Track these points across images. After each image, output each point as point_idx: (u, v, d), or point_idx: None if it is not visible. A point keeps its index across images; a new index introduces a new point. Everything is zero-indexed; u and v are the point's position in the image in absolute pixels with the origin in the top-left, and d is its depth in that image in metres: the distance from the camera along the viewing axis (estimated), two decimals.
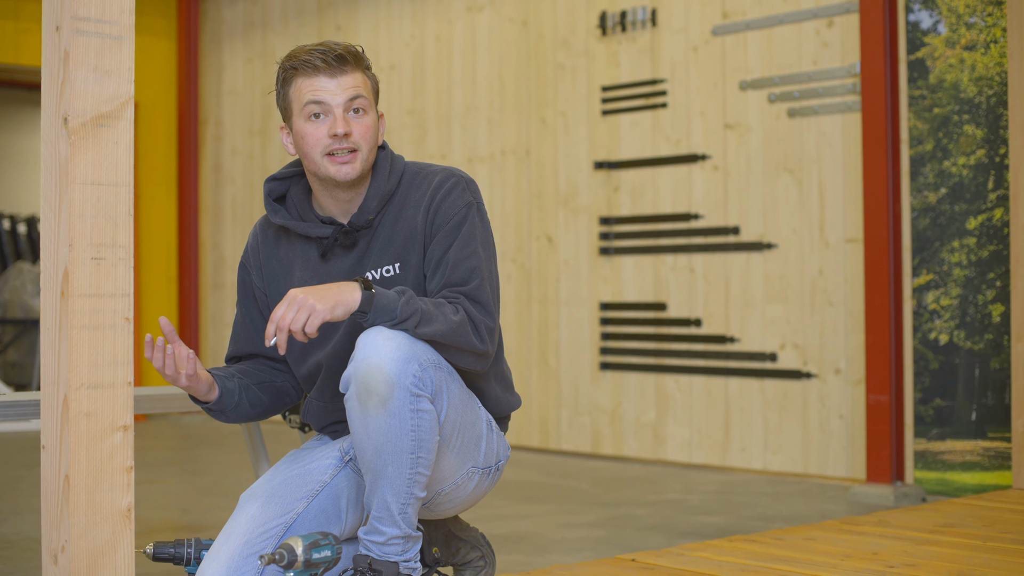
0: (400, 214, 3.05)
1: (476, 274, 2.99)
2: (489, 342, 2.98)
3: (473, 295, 2.98)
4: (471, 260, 3.00)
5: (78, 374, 2.77)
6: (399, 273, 3.03)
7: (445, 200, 3.04)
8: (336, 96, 2.99)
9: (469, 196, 3.07)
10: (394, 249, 3.04)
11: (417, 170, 3.12)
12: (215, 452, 7.79)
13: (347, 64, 3.00)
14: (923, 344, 5.85)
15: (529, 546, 4.78)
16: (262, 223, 3.22)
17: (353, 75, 3.01)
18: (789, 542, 4.12)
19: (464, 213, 3.04)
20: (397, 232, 3.04)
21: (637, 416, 7.06)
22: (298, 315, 2.79)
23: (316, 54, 2.99)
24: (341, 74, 2.99)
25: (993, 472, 5.66)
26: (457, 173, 3.11)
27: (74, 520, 2.77)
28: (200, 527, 5.18)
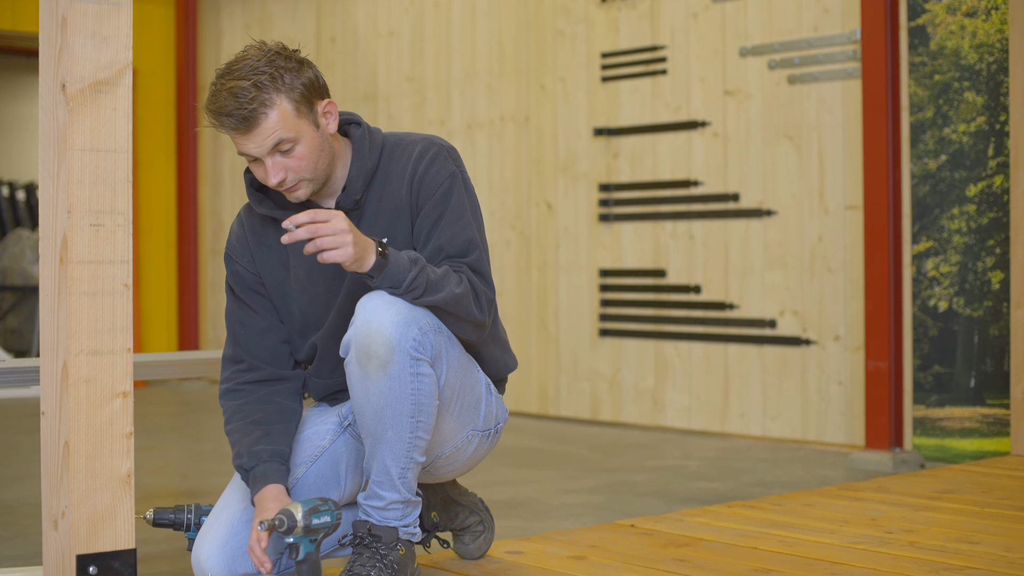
0: (384, 189, 3.03)
1: (474, 246, 2.99)
2: (488, 313, 2.98)
3: (475, 267, 2.98)
4: (466, 232, 3.00)
5: (77, 340, 2.77)
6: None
7: (428, 171, 3.02)
8: (257, 148, 2.87)
9: (452, 165, 3.05)
10: (381, 224, 3.02)
11: (396, 141, 3.09)
12: (215, 418, 7.80)
13: (256, 118, 2.84)
14: (922, 311, 5.85)
15: (528, 511, 4.79)
16: (246, 211, 3.16)
17: (265, 124, 2.85)
18: (788, 508, 4.13)
19: (449, 184, 3.02)
20: (383, 207, 3.03)
21: (636, 382, 7.06)
22: (330, 239, 2.72)
23: (223, 118, 2.85)
24: (254, 128, 2.85)
25: (991, 439, 5.67)
26: (437, 142, 3.08)
27: (74, 486, 2.77)
28: (200, 493, 5.19)
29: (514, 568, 3.33)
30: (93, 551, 2.81)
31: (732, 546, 3.59)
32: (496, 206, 7.74)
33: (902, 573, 3.25)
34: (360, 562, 2.89)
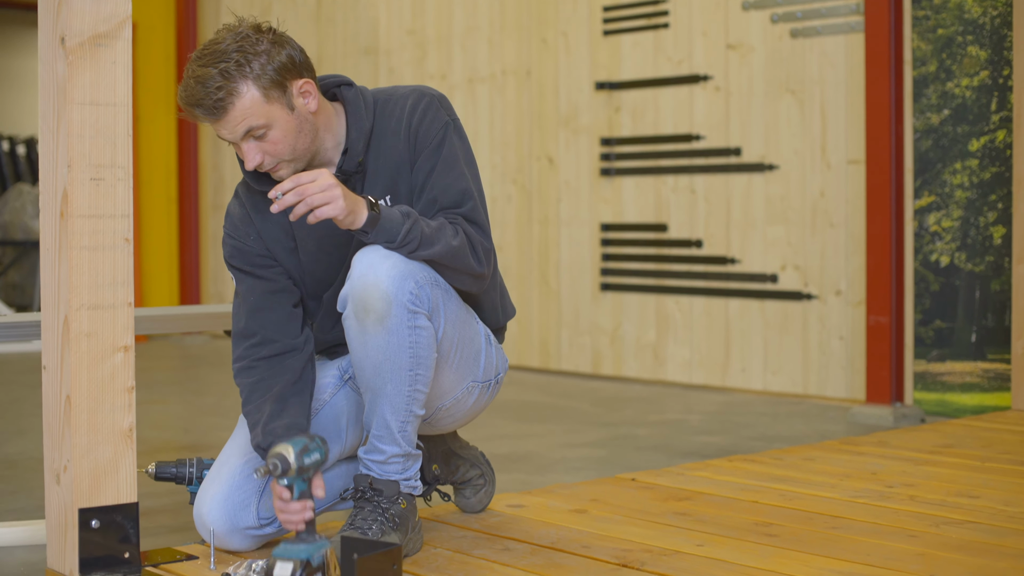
0: (381, 146, 3.02)
1: (468, 196, 2.99)
2: (486, 264, 2.98)
3: (470, 217, 2.98)
4: (460, 183, 2.99)
5: (78, 295, 2.77)
6: (390, 205, 3.01)
7: (422, 123, 3.01)
8: (230, 135, 2.87)
9: (444, 115, 3.04)
10: (382, 182, 3.01)
11: (386, 97, 3.07)
12: (216, 372, 7.81)
13: (223, 107, 2.82)
14: (924, 266, 5.85)
15: (529, 465, 4.80)
16: (243, 188, 3.13)
17: (232, 112, 2.83)
18: (788, 462, 4.14)
19: (442, 134, 3.01)
20: (382, 165, 3.02)
21: (637, 337, 7.07)
22: (320, 195, 2.72)
23: (193, 108, 2.84)
24: (223, 117, 2.84)
25: (992, 393, 5.68)
26: (428, 92, 3.06)
27: (76, 440, 2.78)
28: (202, 447, 5.21)
29: (515, 521, 3.34)
30: (95, 505, 2.82)
31: (733, 500, 3.60)
32: (497, 160, 7.72)
33: (902, 527, 3.26)
34: (362, 516, 2.90)
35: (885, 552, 3.01)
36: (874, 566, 2.89)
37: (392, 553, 2.46)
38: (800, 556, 2.98)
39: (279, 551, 2.61)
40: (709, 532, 3.22)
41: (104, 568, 2.84)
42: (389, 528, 2.89)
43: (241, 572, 2.78)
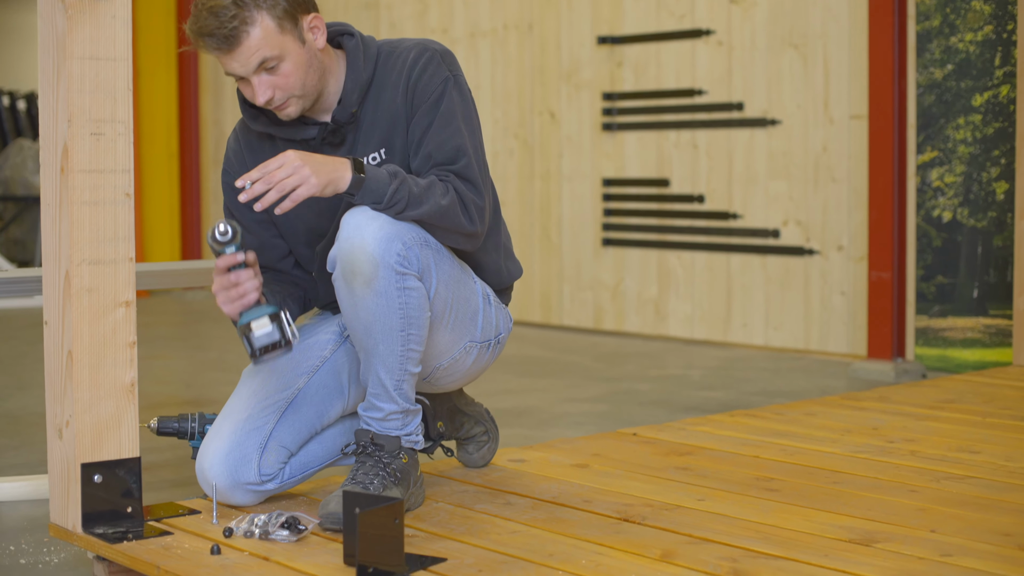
0: (380, 99, 3.01)
1: (462, 152, 2.96)
2: (479, 222, 2.95)
3: (462, 174, 2.94)
4: (455, 139, 2.96)
5: (79, 250, 2.77)
6: (385, 158, 3.00)
7: (422, 78, 2.98)
8: (242, 68, 2.85)
9: (445, 71, 3.01)
10: (378, 135, 3.00)
11: (390, 49, 3.05)
12: (218, 327, 7.82)
13: (237, 36, 2.81)
14: (926, 221, 5.84)
15: (531, 420, 4.81)
16: (241, 128, 3.13)
17: (247, 42, 2.82)
18: (790, 417, 4.15)
19: (441, 89, 2.99)
20: (379, 118, 3.00)
21: (639, 292, 7.07)
22: (290, 179, 2.74)
23: (205, 39, 2.82)
24: (236, 47, 2.82)
25: (994, 349, 5.68)
26: (431, 47, 3.03)
27: (78, 395, 2.78)
28: (204, 402, 5.22)
29: (517, 476, 3.35)
30: (98, 460, 2.82)
31: (734, 455, 3.60)
32: (499, 115, 7.70)
33: (903, 482, 3.26)
34: (363, 471, 2.91)
35: (886, 507, 3.02)
36: (875, 521, 2.89)
37: (394, 507, 2.47)
38: (801, 511, 2.99)
39: (246, 317, 2.79)
40: (710, 487, 3.23)
41: (107, 522, 2.85)
42: (391, 483, 2.90)
43: (243, 526, 2.79)
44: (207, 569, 2.58)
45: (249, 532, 2.78)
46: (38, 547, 3.22)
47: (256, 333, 2.81)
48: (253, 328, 2.82)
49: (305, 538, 2.78)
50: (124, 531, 2.81)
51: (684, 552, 2.67)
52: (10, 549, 3.21)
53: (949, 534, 2.79)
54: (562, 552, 2.69)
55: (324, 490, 3.19)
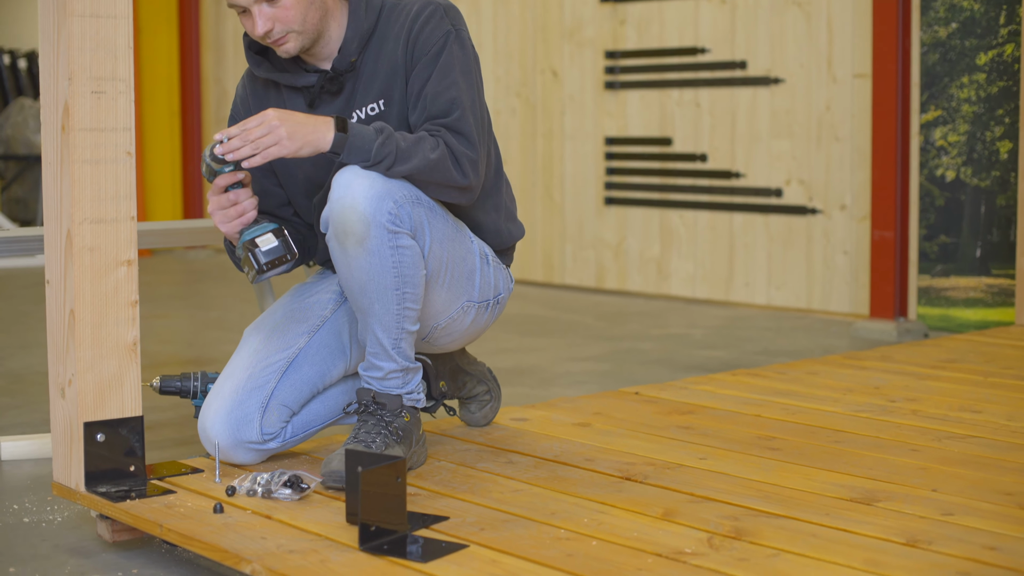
0: (381, 50, 3.00)
1: (456, 105, 2.94)
2: (472, 175, 2.93)
3: (454, 127, 2.93)
4: (450, 91, 2.95)
5: (81, 209, 2.76)
6: (384, 110, 2.99)
7: (423, 31, 2.97)
8: None
9: (447, 24, 3.00)
10: (377, 86, 2.99)
11: (395, 2, 3.05)
12: (220, 287, 7.82)
13: None
14: (929, 180, 5.82)
15: (533, 379, 4.82)
16: (248, 76, 3.16)
17: None
18: (792, 376, 4.15)
19: (442, 43, 2.98)
20: (379, 69, 3.00)
21: (641, 251, 7.06)
22: (264, 138, 2.76)
23: None
24: None
25: (996, 308, 5.68)
26: (436, 1, 3.03)
27: (80, 354, 2.79)
28: (206, 361, 5.22)
29: (519, 435, 3.36)
30: (100, 418, 2.83)
31: (736, 414, 3.61)
32: (501, 73, 7.67)
33: (905, 441, 3.27)
34: (365, 429, 2.91)
35: (887, 466, 3.02)
36: (876, 480, 2.90)
37: (396, 466, 2.47)
38: (802, 470, 3.00)
39: (247, 234, 2.85)
40: (712, 446, 3.23)
41: (110, 481, 2.85)
42: (393, 441, 2.90)
43: (246, 485, 2.80)
44: (210, 528, 2.59)
45: (252, 491, 2.78)
46: (41, 506, 3.23)
47: (262, 248, 2.86)
48: (258, 243, 2.86)
49: (308, 496, 2.79)
50: (127, 490, 2.82)
51: (686, 511, 2.68)
52: (13, 508, 3.21)
53: (950, 493, 2.80)
54: (564, 510, 2.69)
55: (326, 449, 3.20)
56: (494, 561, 2.37)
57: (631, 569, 2.32)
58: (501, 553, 2.42)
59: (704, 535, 2.52)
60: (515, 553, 2.42)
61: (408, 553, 2.41)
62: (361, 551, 2.43)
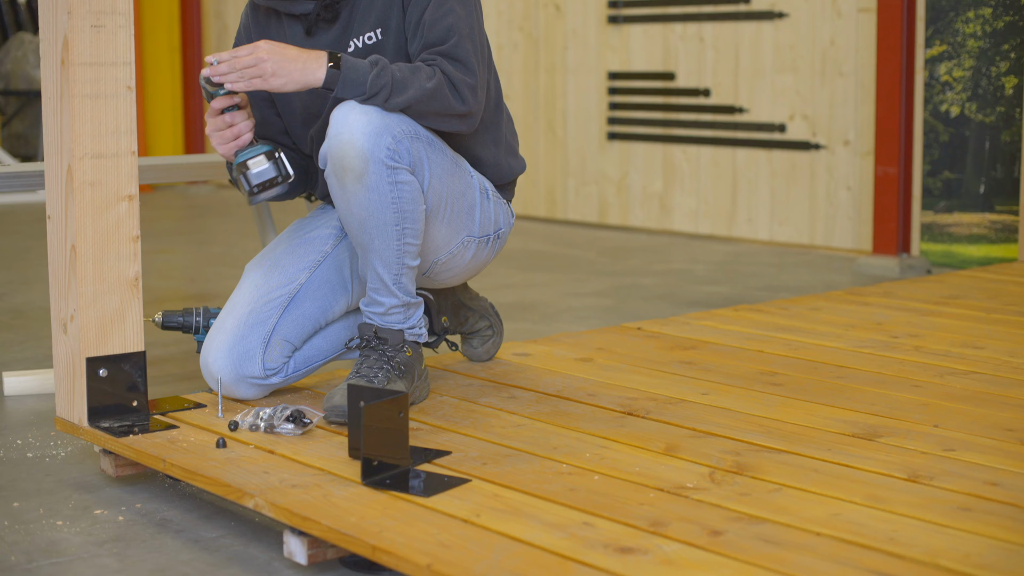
0: None
1: (453, 32, 2.92)
2: (471, 100, 2.91)
3: (451, 53, 2.90)
4: (447, 18, 2.92)
5: (81, 144, 2.75)
6: (381, 39, 2.97)
7: None
8: None
9: None
10: (374, 15, 2.97)
11: None
12: (222, 222, 7.81)
13: None
14: (934, 116, 5.80)
15: (536, 314, 4.82)
16: (250, 5, 3.14)
17: None
18: (794, 312, 4.15)
19: None
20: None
21: (644, 186, 7.04)
22: (250, 70, 2.78)
23: None
24: None
25: (999, 245, 5.67)
26: None
27: (82, 290, 2.78)
28: (208, 296, 5.22)
29: (521, 370, 3.36)
30: (102, 354, 2.83)
31: (738, 349, 3.61)
32: (504, 7, 7.62)
33: (907, 377, 3.27)
34: (367, 364, 2.91)
35: (889, 402, 3.02)
36: (878, 415, 2.90)
37: (398, 401, 2.48)
38: (805, 405, 3.00)
39: (241, 155, 2.87)
40: (714, 381, 3.24)
41: (113, 416, 2.86)
42: (395, 376, 2.90)
43: (248, 420, 2.80)
44: (213, 462, 2.59)
45: (254, 426, 2.79)
46: (45, 441, 3.23)
47: (253, 170, 2.88)
48: (250, 166, 2.88)
49: (310, 431, 2.79)
50: (130, 425, 2.83)
51: (687, 446, 2.68)
52: (17, 443, 3.22)
53: (952, 429, 2.80)
54: (566, 445, 2.70)
55: (329, 384, 3.20)
56: (496, 495, 2.38)
57: (633, 504, 2.33)
58: (503, 487, 2.43)
59: (706, 470, 2.53)
60: (517, 487, 2.42)
61: (410, 487, 2.42)
62: (363, 485, 2.43)
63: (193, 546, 2.53)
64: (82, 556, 2.48)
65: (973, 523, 2.22)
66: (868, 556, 2.07)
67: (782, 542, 2.14)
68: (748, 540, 2.14)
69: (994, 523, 2.22)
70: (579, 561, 2.06)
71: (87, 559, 2.47)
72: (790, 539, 2.15)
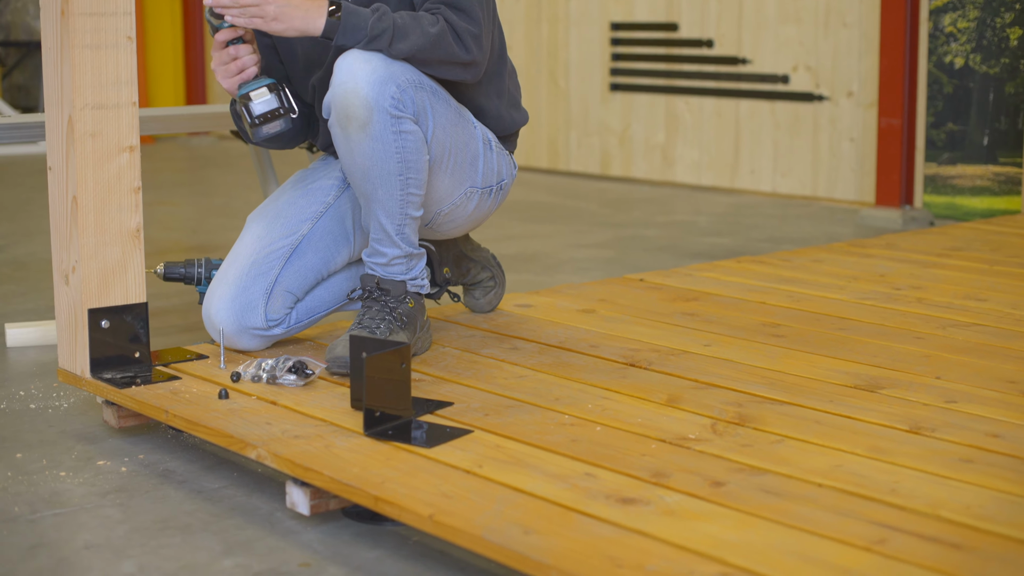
0: None
1: None
2: (475, 49, 2.89)
3: (455, 3, 2.87)
4: None
5: (82, 94, 2.74)
6: None
7: None
8: None
9: None
10: None
11: None
12: (224, 173, 7.79)
13: None
14: (938, 67, 5.77)
15: (538, 266, 4.81)
16: None
17: None
18: (797, 263, 4.14)
19: None
20: None
21: (647, 138, 7.02)
22: (252, 8, 2.77)
23: None
24: None
25: (1002, 197, 5.65)
26: None
27: (83, 241, 2.78)
28: (210, 247, 5.22)
29: (523, 321, 3.36)
30: (104, 305, 2.83)
31: (740, 300, 3.61)
32: None
33: (909, 328, 3.27)
34: (369, 315, 2.91)
35: (891, 353, 3.02)
36: (880, 367, 2.90)
37: (401, 352, 2.48)
38: (807, 357, 3.00)
39: (244, 88, 2.86)
40: (716, 332, 3.24)
41: (115, 367, 2.86)
42: (397, 327, 2.90)
43: (251, 371, 2.80)
44: (215, 413, 2.60)
45: (256, 377, 2.79)
46: (48, 392, 3.24)
47: (255, 102, 2.88)
48: (252, 97, 2.89)
49: (312, 382, 2.79)
50: (132, 376, 2.83)
51: (689, 397, 2.69)
52: (20, 394, 3.23)
53: (954, 381, 2.80)
54: (568, 396, 2.70)
55: (331, 335, 3.20)
56: (498, 446, 2.38)
57: (635, 455, 2.33)
58: (505, 438, 2.43)
59: (708, 421, 2.53)
60: (519, 438, 2.43)
61: (413, 438, 2.42)
62: (366, 436, 2.44)
63: (196, 497, 2.54)
64: (85, 507, 2.49)
65: (975, 475, 2.22)
66: (869, 507, 2.07)
67: (784, 493, 2.14)
68: (750, 491, 2.15)
69: (996, 475, 2.22)
70: (581, 512, 2.07)
71: (90, 510, 2.47)
72: (792, 490, 2.15)
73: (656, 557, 1.89)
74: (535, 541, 1.96)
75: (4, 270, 4.80)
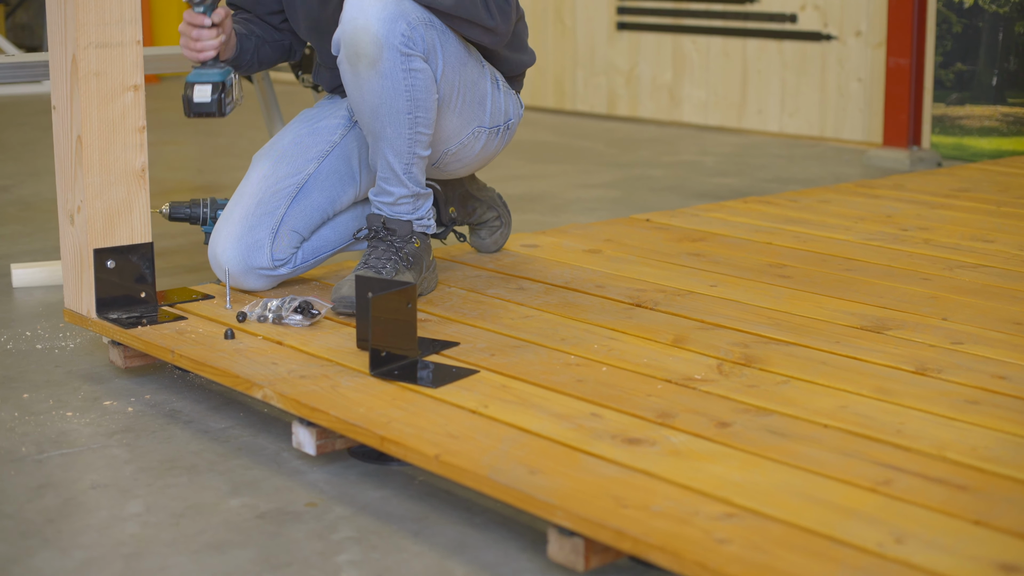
0: None
1: None
2: (499, 17, 2.88)
3: None
4: None
5: (85, 33, 2.73)
6: None
7: None
8: None
9: None
10: None
11: None
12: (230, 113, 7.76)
13: None
14: (946, 6, 5.73)
15: (544, 205, 4.80)
16: None
17: None
18: (803, 204, 4.13)
19: None
20: None
21: (653, 77, 6.99)
22: None
23: None
24: None
25: (1010, 138, 5.63)
26: None
27: (88, 180, 2.77)
28: (215, 187, 5.21)
29: (529, 261, 3.35)
30: (110, 245, 2.82)
31: (747, 241, 3.60)
32: None
33: (916, 270, 3.26)
34: (375, 255, 2.90)
35: (898, 294, 3.02)
36: (887, 308, 2.90)
37: (406, 292, 2.47)
38: (813, 297, 3.00)
39: (192, 76, 2.88)
40: (723, 273, 3.23)
41: (121, 307, 2.86)
42: (403, 267, 2.90)
43: (256, 311, 2.80)
44: (221, 353, 2.60)
45: (262, 317, 2.79)
46: (54, 332, 3.24)
47: (194, 96, 2.89)
48: (194, 89, 2.89)
49: (318, 323, 2.80)
50: (138, 316, 2.83)
51: (696, 337, 2.68)
52: (26, 335, 3.23)
53: (960, 322, 2.80)
54: (574, 336, 2.70)
55: (337, 275, 3.20)
56: (504, 386, 2.39)
57: (641, 395, 2.33)
58: (511, 379, 2.43)
59: (714, 362, 2.53)
60: (525, 379, 2.43)
61: (419, 378, 2.43)
62: (371, 376, 2.44)
63: (202, 437, 2.55)
64: (92, 447, 2.50)
65: (980, 416, 2.22)
66: (875, 448, 2.08)
67: (789, 434, 2.14)
68: (755, 431, 2.15)
69: (1001, 416, 2.22)
70: (587, 452, 2.07)
71: (97, 450, 2.48)
72: (797, 431, 2.16)
73: (661, 497, 1.90)
74: (540, 481, 1.96)
75: (10, 210, 4.80)
